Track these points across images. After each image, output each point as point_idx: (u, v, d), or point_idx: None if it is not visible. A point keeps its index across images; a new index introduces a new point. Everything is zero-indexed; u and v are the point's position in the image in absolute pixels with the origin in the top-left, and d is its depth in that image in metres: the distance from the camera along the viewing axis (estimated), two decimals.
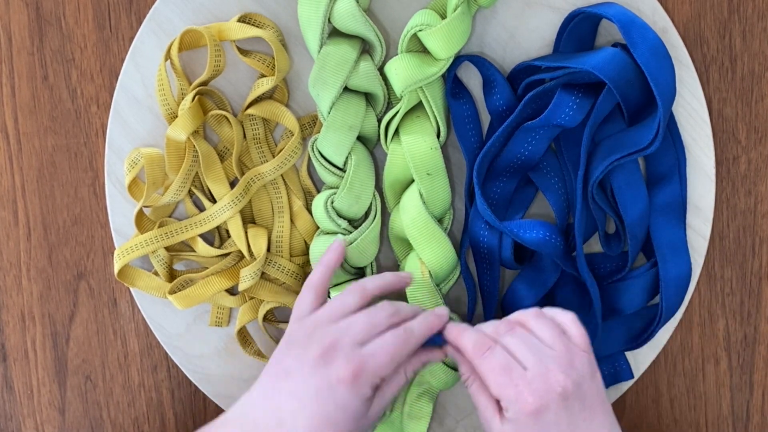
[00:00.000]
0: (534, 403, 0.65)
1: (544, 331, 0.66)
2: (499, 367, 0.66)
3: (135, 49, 0.75)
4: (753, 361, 0.79)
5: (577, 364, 0.66)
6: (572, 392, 0.65)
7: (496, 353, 0.66)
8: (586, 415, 0.66)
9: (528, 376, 0.65)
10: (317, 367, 0.67)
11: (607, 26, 0.73)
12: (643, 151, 0.70)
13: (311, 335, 0.68)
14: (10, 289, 0.80)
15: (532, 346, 0.66)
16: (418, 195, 0.73)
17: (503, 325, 0.67)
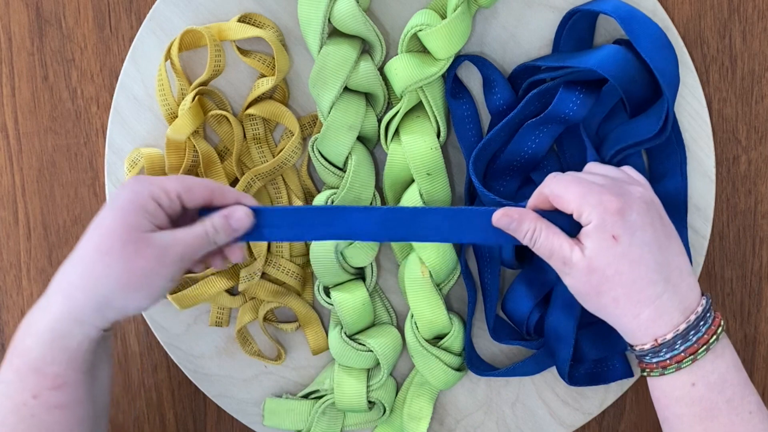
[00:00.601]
0: (618, 202, 0.63)
1: (609, 170, 0.66)
2: (575, 181, 0.64)
3: (135, 49, 0.75)
4: (753, 361, 0.79)
5: (647, 188, 0.65)
6: (650, 200, 0.64)
7: (566, 174, 0.65)
8: (667, 235, 0.64)
9: (605, 186, 0.64)
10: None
11: (605, 24, 0.73)
12: (652, 141, 0.70)
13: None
14: (10, 289, 0.80)
15: (603, 172, 0.66)
16: (418, 195, 0.73)
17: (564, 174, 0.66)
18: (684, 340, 0.63)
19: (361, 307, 0.75)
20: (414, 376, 0.77)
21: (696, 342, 0.63)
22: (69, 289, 0.65)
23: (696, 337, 0.63)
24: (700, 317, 0.63)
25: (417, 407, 0.77)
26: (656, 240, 0.63)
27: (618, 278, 0.63)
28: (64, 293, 0.65)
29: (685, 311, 0.63)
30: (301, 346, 0.78)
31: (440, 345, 0.75)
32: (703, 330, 0.63)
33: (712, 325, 0.63)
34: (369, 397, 0.76)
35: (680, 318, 0.63)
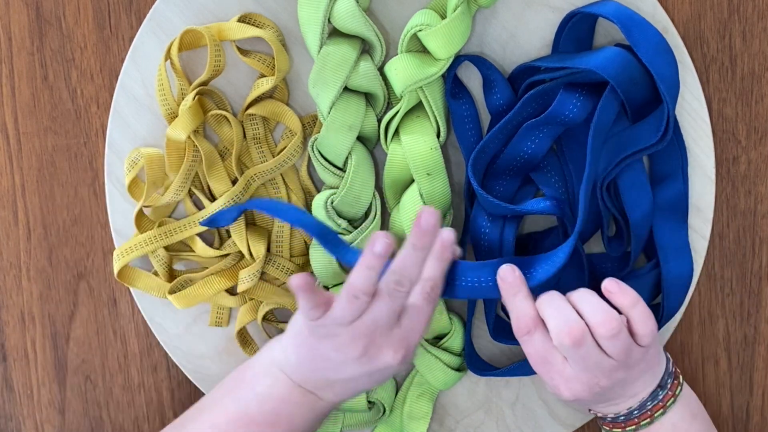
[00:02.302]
0: (569, 397, 0.68)
1: (616, 348, 0.66)
2: (537, 356, 0.68)
3: (135, 49, 0.75)
4: (753, 361, 0.79)
5: (630, 362, 0.67)
6: (612, 386, 0.67)
7: (535, 339, 0.67)
8: (625, 386, 0.68)
9: (567, 373, 0.67)
10: (362, 360, 0.67)
11: (605, 24, 0.73)
12: (653, 147, 0.71)
13: (338, 335, 0.67)
14: (10, 289, 0.80)
15: (595, 362, 0.66)
16: (418, 195, 0.73)
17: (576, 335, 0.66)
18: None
19: None
20: (414, 376, 0.77)
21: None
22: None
23: (626, 420, 0.70)
24: (632, 410, 0.69)
25: (417, 407, 0.77)
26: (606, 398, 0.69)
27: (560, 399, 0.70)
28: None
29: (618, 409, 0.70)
30: None
31: (440, 345, 0.75)
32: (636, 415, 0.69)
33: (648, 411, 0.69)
34: (369, 397, 0.76)
35: (613, 412, 0.70)
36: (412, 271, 0.68)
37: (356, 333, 0.67)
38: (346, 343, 0.67)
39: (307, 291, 0.66)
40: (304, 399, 0.69)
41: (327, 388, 0.69)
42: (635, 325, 0.67)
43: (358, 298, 0.67)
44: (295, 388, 0.68)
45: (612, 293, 0.67)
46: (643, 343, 0.67)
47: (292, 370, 0.69)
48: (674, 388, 0.69)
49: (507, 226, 0.73)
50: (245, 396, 0.69)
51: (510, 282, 0.69)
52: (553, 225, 0.75)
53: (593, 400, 0.68)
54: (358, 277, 0.67)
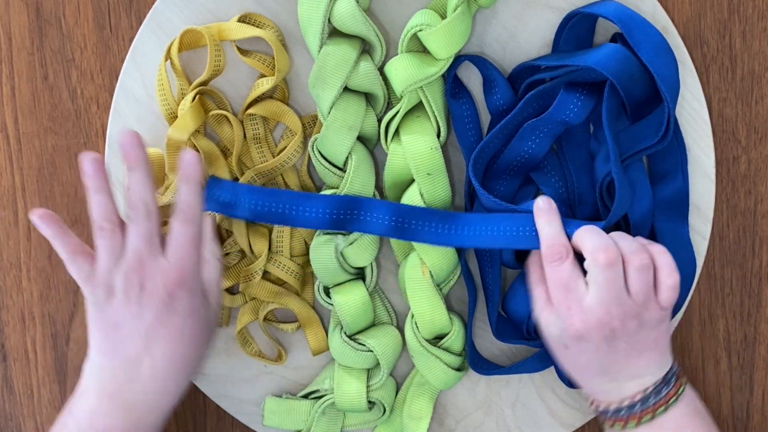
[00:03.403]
0: (579, 330, 0.67)
1: (640, 285, 0.67)
2: (561, 283, 0.68)
3: (135, 49, 0.75)
4: (753, 361, 0.79)
5: (645, 317, 0.67)
6: (621, 335, 0.67)
7: (564, 267, 0.68)
8: (631, 353, 0.68)
9: (584, 304, 0.67)
10: (143, 301, 0.68)
11: (605, 24, 0.73)
12: (654, 147, 0.71)
13: (114, 285, 0.68)
14: (10, 289, 0.80)
15: (616, 291, 0.66)
16: (419, 195, 0.73)
17: (612, 258, 0.66)
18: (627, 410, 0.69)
19: (361, 307, 0.75)
20: (414, 376, 0.77)
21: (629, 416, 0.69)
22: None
23: (628, 414, 0.69)
24: (635, 403, 0.69)
25: (417, 407, 0.77)
26: (609, 359, 0.69)
27: (565, 364, 0.71)
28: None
29: (621, 396, 0.69)
30: (301, 346, 0.78)
31: (440, 345, 0.75)
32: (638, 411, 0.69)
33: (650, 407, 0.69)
34: (369, 397, 0.76)
35: (616, 399, 0.69)
36: (137, 190, 0.68)
37: (126, 270, 0.68)
38: (123, 286, 0.67)
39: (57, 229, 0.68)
40: (114, 406, 0.68)
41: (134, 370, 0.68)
42: (661, 273, 0.67)
43: (104, 229, 0.68)
44: (103, 396, 0.68)
45: (645, 243, 0.68)
46: (663, 298, 0.67)
47: (99, 369, 0.69)
48: (677, 387, 0.69)
49: None
50: (67, 424, 0.69)
51: (546, 209, 0.69)
52: None
53: (600, 347, 0.67)
54: (92, 208, 0.68)
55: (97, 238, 0.69)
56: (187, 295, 0.68)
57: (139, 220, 0.68)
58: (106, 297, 0.68)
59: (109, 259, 0.68)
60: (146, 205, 0.68)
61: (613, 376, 0.69)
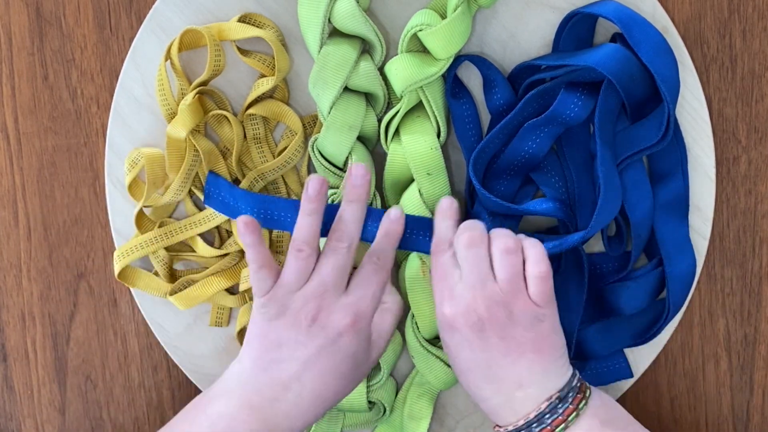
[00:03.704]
0: (447, 316, 0.68)
1: (504, 269, 0.67)
2: (440, 270, 0.69)
3: (135, 49, 0.75)
4: (753, 361, 0.79)
5: (514, 309, 0.66)
6: (491, 327, 0.66)
7: (444, 258, 0.69)
8: (510, 353, 0.67)
9: (456, 291, 0.67)
10: (313, 330, 0.67)
11: (605, 24, 0.73)
12: (654, 147, 0.71)
13: (289, 306, 0.68)
14: (10, 289, 0.80)
15: (479, 273, 0.67)
16: (419, 195, 0.73)
17: (474, 237, 0.67)
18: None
19: None
20: (414, 376, 0.77)
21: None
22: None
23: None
24: (531, 421, 0.67)
25: (417, 407, 0.77)
26: (484, 357, 0.67)
27: (456, 374, 0.70)
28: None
29: (516, 415, 0.67)
30: None
31: (441, 345, 0.75)
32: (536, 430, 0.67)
33: (548, 426, 0.67)
34: (369, 397, 0.76)
35: (512, 419, 0.68)
36: (350, 225, 0.69)
37: (306, 295, 0.68)
38: (297, 310, 0.67)
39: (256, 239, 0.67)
40: (254, 416, 0.67)
41: (282, 391, 0.67)
42: (528, 263, 0.67)
43: (302, 251, 0.68)
44: (245, 404, 0.67)
45: (521, 238, 0.68)
46: (532, 291, 0.66)
47: (247, 378, 0.68)
48: (577, 402, 0.67)
49: (507, 225, 0.73)
50: (198, 421, 0.68)
51: (445, 209, 0.71)
52: (552, 225, 0.75)
53: (470, 338, 0.66)
54: (299, 227, 0.68)
55: (291, 258, 0.68)
56: (355, 337, 0.68)
57: (340, 252, 0.68)
58: (277, 314, 0.68)
59: (294, 281, 0.68)
60: (352, 241, 0.69)
61: (498, 383, 0.67)
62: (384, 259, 0.70)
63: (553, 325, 0.68)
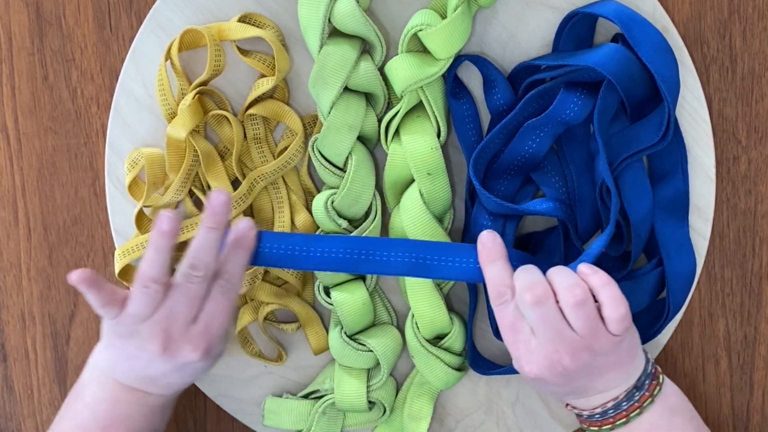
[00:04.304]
0: (530, 372, 0.67)
1: (581, 321, 0.65)
2: (508, 324, 0.67)
3: (135, 49, 0.75)
4: (753, 361, 0.79)
5: (596, 347, 0.66)
6: (575, 369, 0.66)
7: (508, 308, 0.67)
8: (593, 377, 0.67)
9: (532, 345, 0.66)
10: (164, 356, 0.67)
11: (605, 24, 0.73)
12: (654, 147, 0.71)
13: (138, 331, 0.67)
14: (10, 289, 0.80)
15: (554, 328, 0.65)
16: (419, 195, 0.73)
17: (538, 296, 0.65)
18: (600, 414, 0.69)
19: (361, 307, 0.75)
20: (414, 376, 0.77)
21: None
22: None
23: (602, 418, 0.69)
24: (608, 409, 0.68)
25: (417, 407, 0.77)
26: (571, 387, 0.68)
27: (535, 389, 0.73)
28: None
29: (592, 405, 0.69)
30: (302, 346, 0.78)
31: (441, 345, 0.75)
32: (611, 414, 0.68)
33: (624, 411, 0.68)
34: (369, 397, 0.76)
35: (588, 407, 0.69)
36: (205, 254, 0.67)
37: (153, 329, 0.67)
38: (146, 340, 0.67)
39: (91, 286, 0.66)
40: (133, 396, 0.69)
41: (149, 383, 0.69)
42: (605, 307, 0.65)
43: (148, 288, 0.66)
44: (119, 387, 0.69)
45: (586, 275, 0.67)
46: (612, 329, 0.65)
47: (112, 370, 0.69)
48: (652, 389, 0.68)
49: (507, 225, 0.74)
50: (78, 408, 0.70)
51: (490, 248, 0.68)
52: (552, 225, 0.75)
53: (558, 383, 0.67)
54: (145, 262, 0.67)
55: (138, 292, 0.67)
56: (208, 360, 0.69)
57: (192, 282, 0.67)
58: (127, 335, 0.68)
59: (141, 312, 0.67)
60: (207, 270, 0.67)
61: (580, 394, 0.69)
62: (232, 279, 0.68)
63: (632, 336, 0.68)
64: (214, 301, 0.68)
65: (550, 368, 0.66)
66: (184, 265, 0.67)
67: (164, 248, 0.66)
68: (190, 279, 0.67)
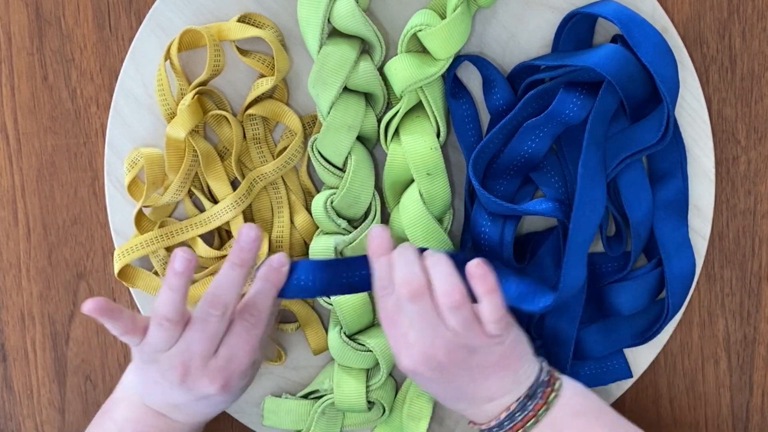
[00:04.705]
0: (407, 365, 0.66)
1: (456, 321, 0.64)
2: (388, 316, 0.67)
3: (135, 49, 0.75)
4: (753, 361, 0.79)
5: (473, 345, 0.65)
6: (453, 366, 0.66)
7: (389, 303, 0.67)
8: (476, 378, 0.66)
9: (410, 339, 0.66)
10: (183, 388, 0.67)
11: (605, 25, 0.73)
12: (653, 147, 0.71)
13: (158, 360, 0.67)
14: (10, 289, 0.80)
15: (429, 324, 0.65)
16: (418, 195, 0.73)
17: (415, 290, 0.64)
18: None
19: (361, 307, 0.75)
20: None
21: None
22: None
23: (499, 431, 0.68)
24: (502, 421, 0.67)
25: (417, 407, 0.77)
26: (452, 388, 0.68)
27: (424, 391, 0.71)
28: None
29: (489, 417, 0.68)
30: (301, 346, 0.78)
31: None
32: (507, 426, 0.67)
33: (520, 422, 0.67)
34: (368, 397, 0.76)
35: (485, 420, 0.68)
36: (227, 291, 0.66)
37: (172, 361, 0.66)
38: (166, 370, 0.67)
39: (104, 315, 0.65)
40: (157, 421, 0.69)
41: (173, 410, 0.69)
42: (483, 311, 0.65)
43: (162, 326, 0.66)
44: (147, 410, 0.69)
45: (472, 277, 0.65)
46: (490, 331, 0.65)
47: (139, 392, 0.69)
48: (546, 396, 0.67)
49: (507, 225, 0.74)
50: (107, 425, 0.70)
51: (378, 243, 0.67)
52: (552, 225, 0.76)
53: (436, 380, 0.66)
54: (160, 301, 0.66)
55: (154, 326, 0.66)
56: (227, 394, 0.68)
57: (211, 321, 0.66)
58: (150, 361, 0.68)
59: (160, 344, 0.66)
60: (226, 308, 0.66)
61: (470, 400, 0.68)
62: (258, 315, 0.68)
63: (514, 339, 0.67)
64: (237, 336, 0.67)
65: (425, 363, 0.65)
66: (203, 301, 0.66)
67: (178, 287, 0.65)
68: (207, 317, 0.66)
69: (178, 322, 0.66)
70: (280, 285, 0.69)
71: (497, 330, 0.65)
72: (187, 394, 0.68)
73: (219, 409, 0.71)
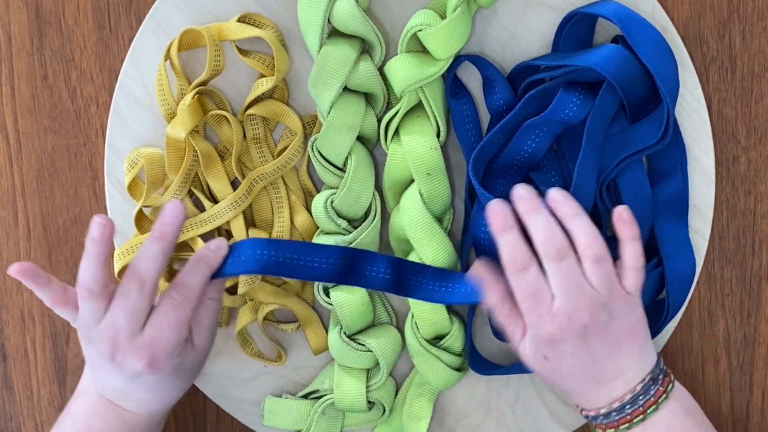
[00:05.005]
0: (552, 333, 0.66)
1: (600, 277, 0.65)
2: (529, 291, 0.66)
3: (135, 49, 0.75)
4: (753, 361, 0.79)
5: (613, 307, 0.66)
6: (594, 331, 0.66)
7: (529, 275, 0.66)
8: (610, 348, 0.66)
9: (554, 307, 0.65)
10: (114, 365, 0.67)
11: (605, 24, 0.73)
12: (653, 147, 0.71)
13: (92, 337, 0.67)
14: (10, 289, 0.80)
15: (572, 281, 0.65)
16: (418, 195, 0.73)
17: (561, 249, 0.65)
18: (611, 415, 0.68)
19: (361, 307, 0.75)
20: (414, 376, 0.77)
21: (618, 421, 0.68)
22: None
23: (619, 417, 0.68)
24: (625, 404, 0.67)
25: (417, 407, 0.77)
26: (589, 360, 0.67)
27: (551, 377, 0.69)
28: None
29: (610, 399, 0.68)
30: (301, 346, 0.78)
31: (440, 345, 0.75)
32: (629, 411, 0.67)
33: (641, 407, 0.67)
34: (369, 397, 0.76)
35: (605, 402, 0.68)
36: (145, 265, 0.66)
37: (102, 336, 0.66)
38: (99, 346, 0.67)
39: (31, 280, 0.65)
40: (107, 410, 0.69)
41: (121, 397, 0.69)
42: (626, 258, 0.66)
43: (84, 298, 0.66)
44: (99, 399, 0.69)
45: (620, 221, 0.67)
46: (628, 285, 0.66)
47: (90, 379, 0.70)
48: (666, 384, 0.68)
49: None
50: (64, 420, 0.70)
51: (501, 216, 0.67)
52: None
53: (576, 345, 0.66)
54: (81, 271, 0.66)
55: (79, 301, 0.67)
56: (156, 372, 0.67)
57: (131, 295, 0.66)
58: (87, 341, 0.68)
59: (88, 319, 0.67)
60: (145, 282, 0.66)
61: (598, 377, 0.68)
62: (187, 293, 0.67)
63: (642, 309, 0.68)
64: (162, 314, 0.67)
65: (570, 326, 0.65)
66: (123, 278, 0.67)
67: (95, 255, 0.65)
68: (127, 293, 0.66)
69: (99, 294, 0.66)
70: (214, 265, 0.69)
71: (636, 282, 0.66)
72: (120, 373, 0.67)
73: (162, 396, 0.70)
